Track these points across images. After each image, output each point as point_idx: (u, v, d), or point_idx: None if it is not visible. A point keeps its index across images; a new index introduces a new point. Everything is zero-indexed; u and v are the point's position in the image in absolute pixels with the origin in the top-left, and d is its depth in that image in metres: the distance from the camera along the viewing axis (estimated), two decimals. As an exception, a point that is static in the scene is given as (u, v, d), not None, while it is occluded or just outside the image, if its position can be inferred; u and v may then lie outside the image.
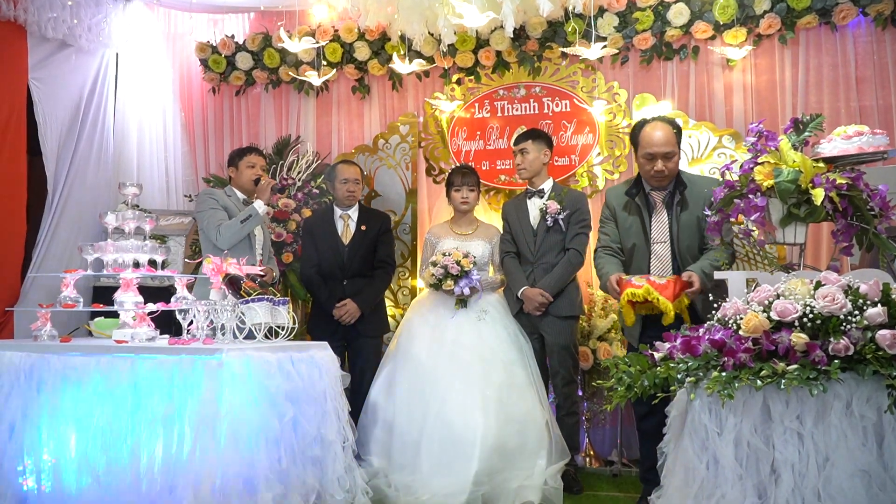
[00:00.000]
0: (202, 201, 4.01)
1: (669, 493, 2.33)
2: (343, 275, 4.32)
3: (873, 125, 4.07)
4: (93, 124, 4.88)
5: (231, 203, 4.02)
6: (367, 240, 4.38)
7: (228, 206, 3.98)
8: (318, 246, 4.40)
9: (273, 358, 2.86)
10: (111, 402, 2.75)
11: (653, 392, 2.25)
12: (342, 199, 4.40)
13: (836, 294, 2.06)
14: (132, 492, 2.66)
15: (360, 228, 4.39)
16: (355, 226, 4.40)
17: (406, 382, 3.94)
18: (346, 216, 4.41)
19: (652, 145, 3.37)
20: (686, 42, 4.66)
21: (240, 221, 3.87)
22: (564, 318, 4.08)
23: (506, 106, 4.97)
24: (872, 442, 1.94)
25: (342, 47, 5.15)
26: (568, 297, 4.09)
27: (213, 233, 3.84)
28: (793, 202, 2.44)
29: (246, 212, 3.91)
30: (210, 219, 3.89)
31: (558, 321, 4.06)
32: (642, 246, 3.46)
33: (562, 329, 4.07)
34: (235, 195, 4.09)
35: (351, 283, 4.30)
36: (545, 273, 4.07)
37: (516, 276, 4.12)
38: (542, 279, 4.06)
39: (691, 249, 3.40)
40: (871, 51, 4.37)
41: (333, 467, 3.08)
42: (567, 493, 3.83)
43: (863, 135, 2.48)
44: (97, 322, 3.40)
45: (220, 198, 4.00)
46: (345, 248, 4.35)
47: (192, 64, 5.60)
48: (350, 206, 4.42)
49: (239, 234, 3.88)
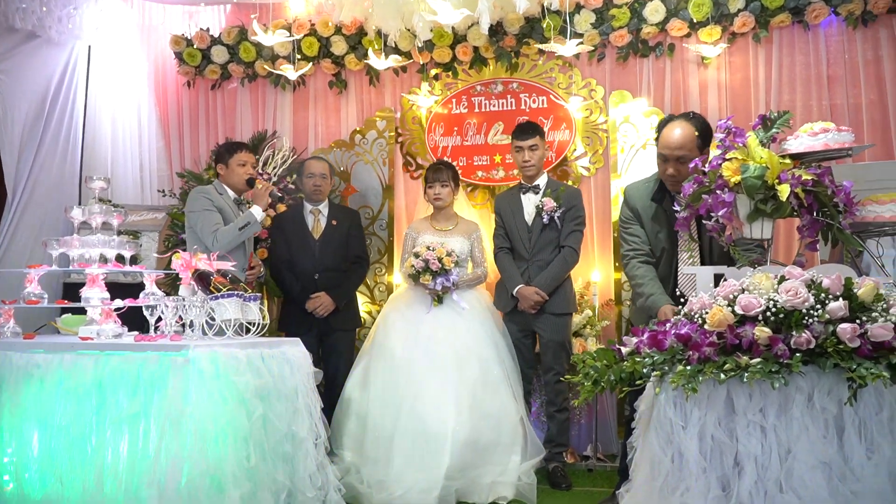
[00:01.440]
0: (195, 200, 3.89)
1: (636, 487, 2.33)
2: (314, 269, 4.32)
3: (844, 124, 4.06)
4: (60, 118, 4.81)
5: (223, 203, 3.92)
6: (337, 235, 4.39)
7: (222, 208, 3.88)
8: (288, 241, 4.39)
9: (242, 354, 2.83)
10: (75, 400, 2.70)
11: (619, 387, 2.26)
12: (309, 194, 4.42)
13: (798, 288, 2.08)
14: (95, 492, 2.62)
15: (330, 223, 4.39)
16: (326, 221, 4.40)
17: (381, 377, 3.93)
18: (316, 211, 4.42)
19: (665, 146, 3.13)
20: (662, 39, 4.68)
21: (238, 228, 3.79)
22: (559, 315, 4.09)
23: (483, 102, 4.96)
24: (833, 434, 1.96)
25: (319, 42, 5.12)
26: (563, 294, 4.11)
27: (209, 238, 3.74)
28: (759, 198, 2.45)
29: (244, 219, 3.82)
30: (205, 222, 3.79)
31: (553, 318, 4.08)
32: (669, 253, 3.22)
33: (557, 326, 4.08)
34: (227, 193, 4.00)
35: (323, 278, 4.30)
36: (540, 270, 4.08)
37: (511, 273, 4.12)
38: (536, 277, 4.06)
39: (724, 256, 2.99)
40: (843, 50, 4.42)
41: (305, 464, 3.06)
42: (556, 489, 3.85)
43: (828, 131, 2.50)
44: (64, 319, 3.36)
45: (214, 197, 3.89)
46: (315, 243, 4.35)
47: (167, 57, 5.54)
48: (318, 200, 4.42)
49: (236, 241, 3.82)
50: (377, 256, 4.94)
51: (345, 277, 4.37)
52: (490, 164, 4.91)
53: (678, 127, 3.14)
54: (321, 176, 4.40)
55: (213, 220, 3.79)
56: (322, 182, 4.40)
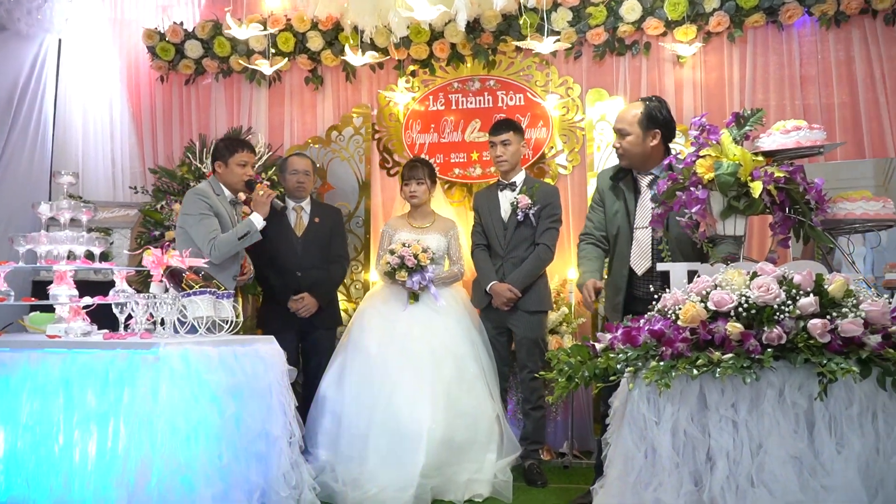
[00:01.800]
0: (192, 203, 3.77)
1: (610, 483, 2.34)
2: (297, 267, 4.26)
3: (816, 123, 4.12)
4: (29, 112, 4.72)
5: (220, 205, 3.84)
6: (321, 233, 4.34)
7: (219, 211, 3.81)
8: (270, 238, 4.34)
9: (214, 352, 2.79)
10: (41, 398, 2.64)
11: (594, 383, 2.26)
12: (292, 191, 4.36)
13: (770, 284, 2.09)
14: (63, 492, 2.56)
15: (313, 221, 4.35)
16: (308, 218, 4.36)
17: (356, 374, 3.91)
18: (298, 208, 4.37)
19: (615, 121, 3.37)
20: (638, 38, 4.70)
21: (237, 238, 3.72)
22: (533, 313, 4.09)
23: (460, 99, 4.95)
24: (803, 429, 1.98)
25: (295, 37, 5.08)
26: (537, 292, 4.10)
27: (207, 246, 3.66)
28: (733, 195, 2.46)
29: (244, 227, 3.76)
30: (203, 229, 3.70)
31: (527, 315, 4.07)
32: (626, 231, 3.33)
33: (530, 323, 4.08)
34: (224, 194, 3.92)
35: (305, 276, 4.26)
36: (514, 267, 4.07)
37: (485, 270, 4.12)
38: (511, 274, 4.05)
39: (679, 236, 3.08)
40: (816, 50, 4.47)
41: (279, 463, 3.03)
42: (532, 487, 3.85)
43: (800, 129, 2.52)
44: (32, 317, 3.29)
45: (212, 200, 3.80)
46: (298, 241, 4.30)
47: (140, 51, 5.46)
48: (301, 198, 4.37)
49: (234, 250, 3.77)
50: (353, 254, 4.91)
51: (327, 276, 4.33)
52: (467, 162, 4.91)
53: (628, 105, 3.38)
54: (304, 173, 4.35)
55: (210, 227, 3.71)
56: (305, 179, 4.35)
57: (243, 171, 3.91)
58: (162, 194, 4.88)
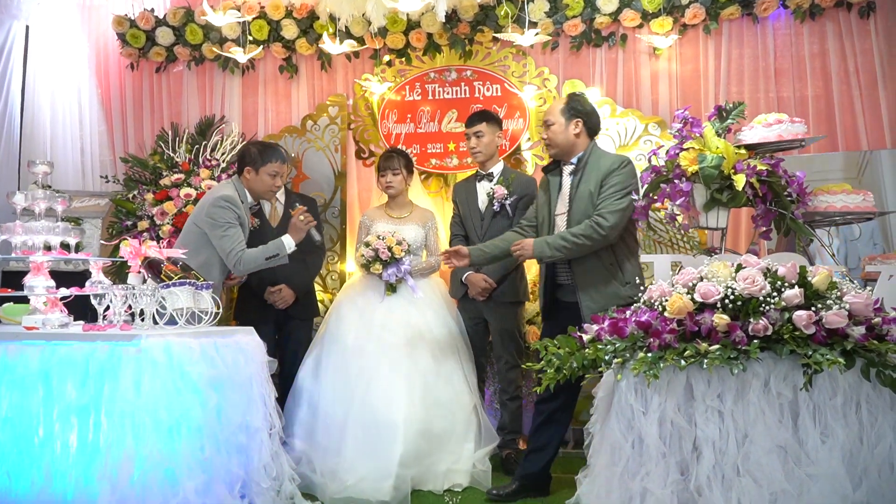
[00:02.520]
0: (223, 212, 3.62)
1: (596, 473, 2.37)
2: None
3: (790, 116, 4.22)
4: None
5: (244, 212, 3.75)
6: None
7: (244, 222, 3.73)
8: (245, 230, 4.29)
9: (195, 344, 2.76)
10: (20, 391, 2.59)
11: (581, 373, 2.28)
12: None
13: (756, 276, 2.13)
14: (45, 485, 2.53)
15: (288, 211, 4.29)
16: (283, 209, 4.31)
17: (332, 365, 3.90)
18: (273, 199, 4.31)
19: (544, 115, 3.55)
20: (615, 29, 4.72)
21: (265, 258, 3.63)
22: (509, 304, 4.11)
23: (437, 89, 4.93)
24: (788, 419, 2.02)
25: (269, 25, 5.00)
26: (512, 283, 4.11)
27: (232, 259, 3.57)
28: (716, 187, 2.50)
29: (273, 248, 3.65)
30: (229, 241, 3.58)
31: (503, 306, 4.09)
32: (547, 219, 3.50)
33: (505, 314, 4.09)
34: (247, 200, 3.82)
35: (282, 267, 4.20)
36: None
37: None
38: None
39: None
40: (790, 43, 4.53)
41: (259, 455, 3.02)
42: (510, 476, 3.85)
43: (782, 123, 2.56)
44: (5, 308, 3.21)
45: (240, 211, 3.69)
46: (273, 232, 4.24)
47: (109, 38, 5.33)
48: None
49: (258, 268, 3.68)
50: (329, 245, 4.88)
51: (303, 267, 4.29)
52: (444, 152, 4.89)
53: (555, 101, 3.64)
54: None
55: (237, 239, 3.61)
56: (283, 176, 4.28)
57: (273, 181, 3.81)
58: (134, 184, 4.78)
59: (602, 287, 3.22)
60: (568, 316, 3.18)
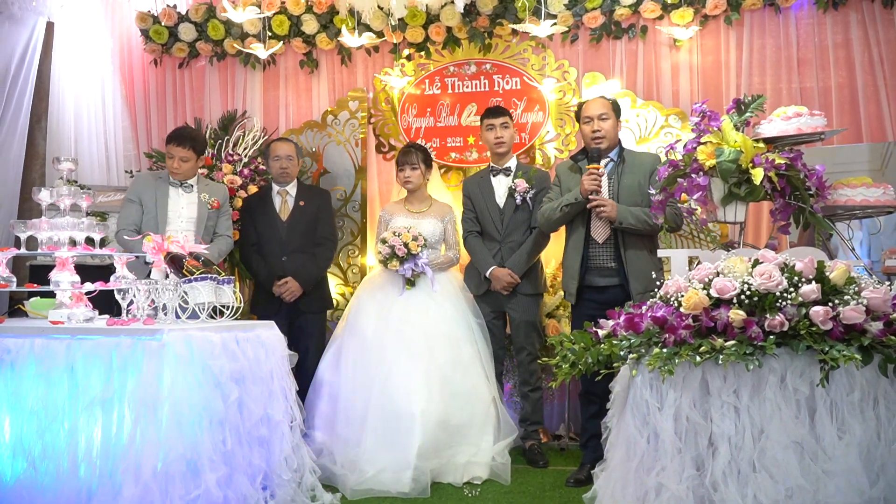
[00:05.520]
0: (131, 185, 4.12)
1: (612, 467, 2.37)
2: (282, 251, 4.28)
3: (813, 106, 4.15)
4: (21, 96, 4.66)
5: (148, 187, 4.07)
6: (306, 216, 4.34)
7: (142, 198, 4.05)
8: (256, 224, 4.35)
9: (217, 338, 2.80)
10: (46, 384, 2.65)
11: (596, 369, 2.29)
12: (276, 176, 4.38)
13: (772, 272, 2.11)
14: (70, 476, 2.58)
15: (298, 204, 4.35)
16: (293, 202, 4.35)
17: (352, 358, 3.94)
18: (283, 192, 4.37)
19: (588, 111, 3.73)
20: (635, 21, 4.69)
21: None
22: (530, 296, 4.14)
23: (456, 83, 4.93)
24: (805, 415, 2.01)
25: (289, 20, 5.03)
26: (533, 276, 4.15)
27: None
28: (734, 181, 2.48)
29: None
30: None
31: (524, 299, 4.12)
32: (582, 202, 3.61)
33: (527, 306, 4.13)
34: (165, 176, 4.10)
35: (290, 260, 4.27)
36: (512, 252, 4.11)
37: (482, 255, 4.14)
38: (509, 258, 4.08)
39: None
40: (813, 33, 4.46)
41: (280, 447, 3.05)
42: (533, 467, 3.91)
43: (801, 116, 2.53)
44: (33, 302, 3.28)
45: (143, 186, 4.07)
46: (283, 225, 4.31)
47: (133, 34, 5.41)
48: (285, 182, 4.37)
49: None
50: (350, 238, 4.92)
51: (312, 260, 4.32)
52: (463, 146, 4.90)
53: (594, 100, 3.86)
54: (287, 158, 4.35)
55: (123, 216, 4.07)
56: (289, 164, 4.35)
57: (170, 163, 4.05)
58: (157, 178, 4.85)
59: (647, 272, 3.39)
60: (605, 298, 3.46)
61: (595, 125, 3.67)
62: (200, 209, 4.07)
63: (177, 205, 4.04)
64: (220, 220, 4.20)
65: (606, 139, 3.67)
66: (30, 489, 2.63)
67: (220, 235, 4.19)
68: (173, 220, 4.00)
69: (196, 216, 4.06)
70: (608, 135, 3.68)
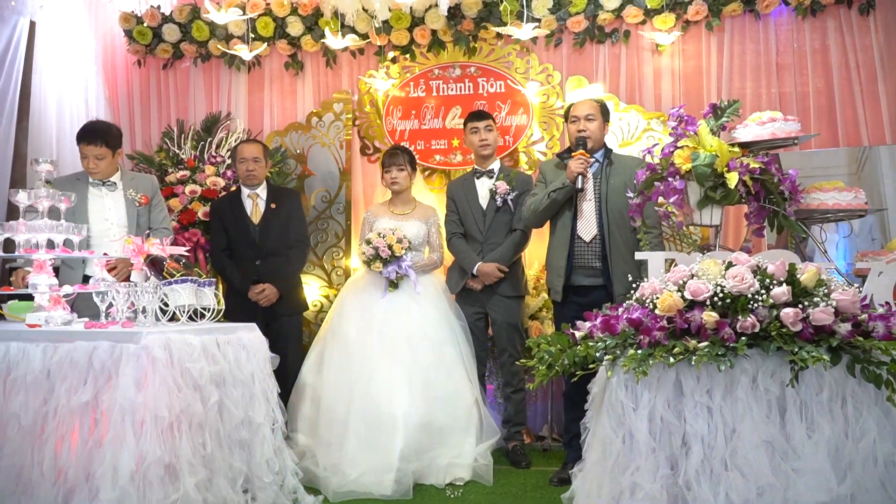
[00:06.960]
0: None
1: (589, 467, 2.39)
2: (256, 255, 4.21)
3: (791, 111, 4.23)
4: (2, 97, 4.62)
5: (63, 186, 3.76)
6: (279, 218, 4.26)
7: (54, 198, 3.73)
8: (227, 228, 4.26)
9: (196, 340, 2.79)
10: (23, 389, 2.62)
11: (573, 370, 2.31)
12: (243, 179, 4.28)
13: (745, 274, 2.14)
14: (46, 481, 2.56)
15: (269, 206, 4.27)
16: (265, 204, 4.28)
17: (335, 361, 3.95)
18: (254, 195, 4.28)
19: (575, 111, 3.80)
20: (618, 26, 4.73)
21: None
22: (510, 298, 4.16)
23: (441, 85, 4.95)
24: (776, 414, 2.04)
25: (274, 21, 5.04)
26: (514, 277, 4.17)
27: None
28: (709, 185, 2.51)
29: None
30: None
31: (505, 300, 4.15)
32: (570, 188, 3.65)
33: (508, 307, 4.15)
34: (84, 177, 3.84)
35: (265, 264, 4.20)
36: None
37: (467, 254, 4.17)
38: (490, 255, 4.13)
39: (622, 212, 3.53)
40: (792, 39, 4.52)
41: (262, 450, 3.04)
42: (517, 468, 3.93)
43: (776, 121, 2.57)
44: (10, 305, 3.26)
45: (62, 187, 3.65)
46: (255, 228, 4.23)
47: (116, 35, 5.39)
48: (253, 184, 4.28)
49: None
50: (335, 240, 4.92)
51: (287, 263, 4.27)
52: (448, 149, 4.92)
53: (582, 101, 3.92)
54: (254, 160, 4.24)
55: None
56: (255, 166, 4.24)
57: (85, 163, 3.77)
58: (140, 180, 4.83)
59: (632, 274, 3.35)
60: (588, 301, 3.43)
61: (581, 125, 3.73)
62: (129, 208, 3.83)
63: (101, 206, 3.80)
64: (151, 214, 3.95)
65: (591, 139, 3.72)
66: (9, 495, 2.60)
67: (156, 230, 3.90)
68: (96, 223, 3.75)
69: (126, 215, 3.83)
70: (594, 135, 3.73)
